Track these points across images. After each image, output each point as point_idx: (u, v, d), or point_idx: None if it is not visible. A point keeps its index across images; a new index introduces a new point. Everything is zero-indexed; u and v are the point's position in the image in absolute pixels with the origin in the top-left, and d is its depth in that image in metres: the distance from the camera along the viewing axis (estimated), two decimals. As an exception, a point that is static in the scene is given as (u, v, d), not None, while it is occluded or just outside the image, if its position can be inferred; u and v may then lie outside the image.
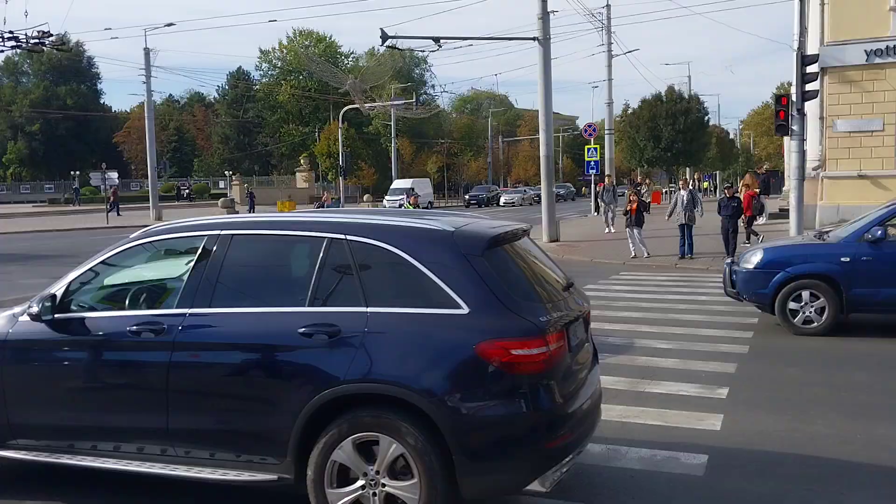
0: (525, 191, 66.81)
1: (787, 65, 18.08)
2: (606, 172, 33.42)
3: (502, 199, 62.86)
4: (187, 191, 70.16)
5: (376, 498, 4.02)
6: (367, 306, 4.08)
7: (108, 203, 44.65)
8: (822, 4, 21.15)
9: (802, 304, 9.57)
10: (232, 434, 4.30)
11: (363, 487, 4.04)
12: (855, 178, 20.09)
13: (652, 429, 6.05)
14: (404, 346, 4.01)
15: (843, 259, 9.45)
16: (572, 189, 76.92)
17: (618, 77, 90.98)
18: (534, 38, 22.24)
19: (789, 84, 19.04)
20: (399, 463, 3.97)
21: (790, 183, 18.98)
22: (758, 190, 23.24)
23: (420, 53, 64.93)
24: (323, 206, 48.02)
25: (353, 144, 63.38)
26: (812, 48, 19.81)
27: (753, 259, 10.06)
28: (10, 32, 26.89)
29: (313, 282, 4.25)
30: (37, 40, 27.73)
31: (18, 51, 32.64)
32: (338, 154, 57.76)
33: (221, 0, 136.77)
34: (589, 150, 32.45)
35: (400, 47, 27.59)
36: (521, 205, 60.28)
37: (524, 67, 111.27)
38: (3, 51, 28.24)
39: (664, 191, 56.17)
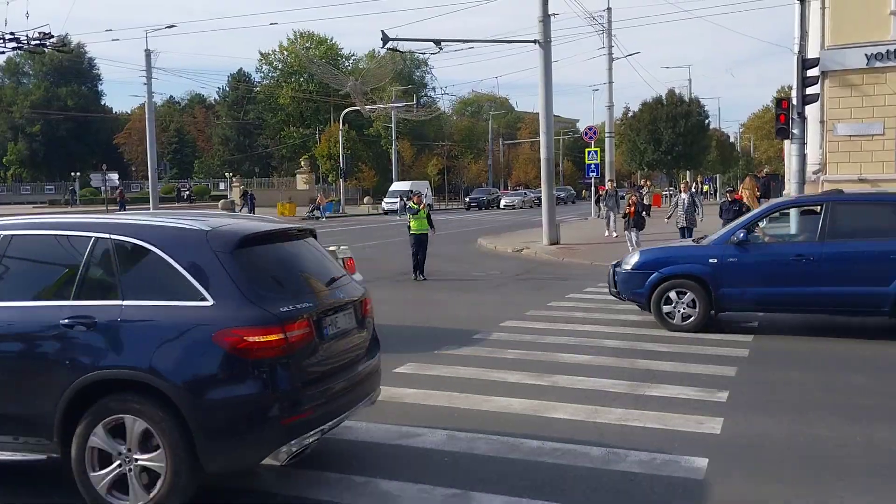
0: (525, 193, 66.80)
1: (788, 68, 18.11)
2: (608, 177, 33.40)
3: (503, 202, 62.84)
4: (187, 192, 70.18)
5: (132, 473, 4.40)
6: (123, 300, 4.52)
7: (118, 203, 45.06)
8: (823, 8, 21.15)
9: (675, 303, 10.05)
10: (7, 417, 4.66)
11: (119, 466, 4.42)
12: (855, 181, 20.04)
13: (652, 432, 6.05)
14: (152, 336, 4.40)
15: (710, 260, 9.97)
16: (573, 192, 76.95)
17: (618, 80, 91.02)
18: (535, 41, 22.24)
19: (790, 87, 19.05)
20: (148, 440, 4.35)
21: (790, 186, 18.96)
22: (758, 193, 23.27)
23: (421, 56, 65.15)
24: (318, 208, 48.06)
25: (354, 146, 63.42)
26: (813, 52, 19.80)
27: (631, 261, 10.66)
28: (12, 33, 26.91)
29: (78, 277, 4.68)
30: (38, 41, 27.75)
31: (20, 52, 32.59)
32: (338, 156, 57.79)
33: (223, 2, 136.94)
34: (589, 152, 32.45)
35: (401, 49, 27.58)
36: (521, 207, 60.27)
37: (525, 70, 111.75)
38: (4, 52, 28.23)
39: (664, 194, 56.16)
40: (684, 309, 9.99)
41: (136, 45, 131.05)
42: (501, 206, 61.86)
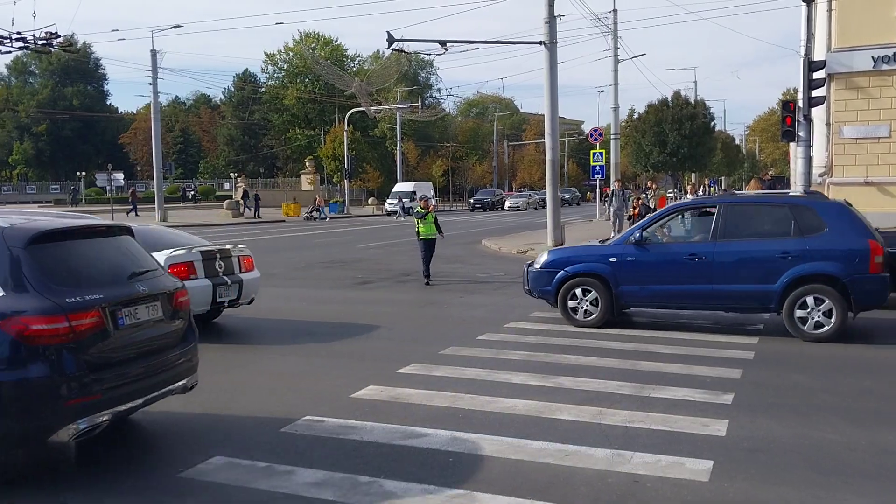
0: (530, 195, 66.79)
1: (793, 71, 18.08)
2: (614, 177, 33.34)
3: (507, 203, 62.84)
4: (192, 192, 70.32)
5: None
6: None
7: (130, 203, 45.40)
8: (830, 11, 21.10)
9: (579, 299, 10.54)
10: None
11: None
12: (861, 184, 20.01)
13: (657, 434, 6.03)
14: None
15: (611, 259, 10.45)
16: (577, 193, 76.91)
17: (624, 82, 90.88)
18: (540, 42, 22.23)
19: (796, 90, 19.03)
20: None
21: (796, 189, 18.91)
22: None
23: (426, 57, 65.12)
24: (318, 209, 48.14)
25: (359, 147, 63.48)
26: (819, 54, 19.76)
27: (540, 260, 11.20)
28: (18, 33, 26.98)
29: None
30: (44, 41, 27.81)
31: (26, 51, 32.68)
32: (343, 157, 57.83)
33: (228, 2, 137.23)
34: (594, 154, 32.43)
35: (406, 50, 27.58)
36: (525, 209, 60.25)
37: (530, 71, 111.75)
38: (10, 51, 28.30)
39: (669, 195, 56.10)
40: (588, 306, 10.50)
41: (142, 45, 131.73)
42: (506, 208, 61.86)
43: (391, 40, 23.50)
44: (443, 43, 23.55)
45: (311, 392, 7.35)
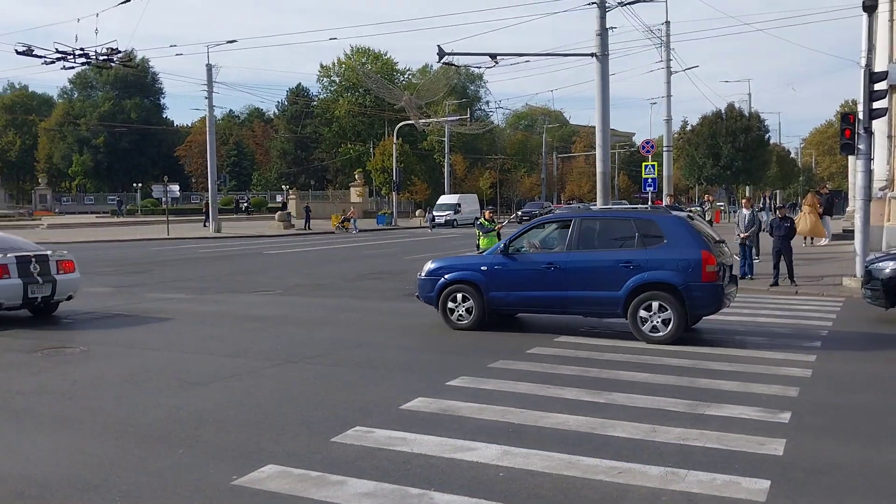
0: (580, 207, 66.29)
1: (852, 82, 17.66)
2: (665, 191, 32.91)
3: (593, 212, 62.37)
4: (245, 204, 71.54)
5: None
6: None
7: (204, 214, 46.80)
8: (891, 21, 20.62)
9: (456, 304, 11.52)
10: None
11: None
12: (924, 198, 19.43)
13: (712, 452, 5.91)
14: None
15: (482, 268, 11.44)
16: (628, 206, 76.18)
17: (676, 94, 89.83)
18: (591, 54, 22.14)
19: (854, 102, 18.60)
20: None
21: (855, 203, 18.44)
22: (820, 210, 22.62)
23: (476, 70, 65.29)
24: (349, 220, 48.51)
25: (407, 160, 63.93)
26: (880, 65, 19.29)
27: (425, 269, 12.15)
28: (82, 49, 27.83)
29: None
30: (106, 56, 28.64)
31: (88, 67, 33.71)
32: (391, 169, 58.27)
33: (282, 18, 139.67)
34: (646, 166, 32.08)
35: (456, 64, 27.70)
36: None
37: (580, 84, 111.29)
38: (74, 67, 29.21)
39: (724, 209, 55.15)
40: (463, 310, 11.46)
41: (198, 59, 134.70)
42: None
43: (442, 54, 23.63)
44: (493, 56, 23.59)
45: (361, 403, 7.38)
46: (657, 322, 10.15)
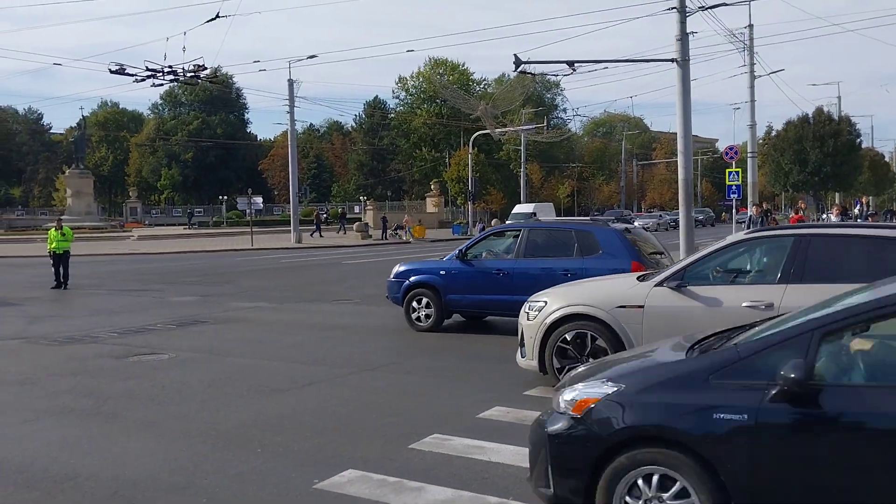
0: (661, 216, 65.09)
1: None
2: (750, 199, 31.97)
3: (636, 224, 61.48)
4: (324, 215, 72.91)
5: None
6: None
7: (314, 224, 48.94)
8: None
9: (420, 306, 12.38)
10: None
11: None
12: None
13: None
14: None
15: (441, 272, 12.28)
16: (711, 214, 74.34)
17: (761, 98, 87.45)
18: (672, 60, 21.70)
19: (954, 101, 17.63)
20: None
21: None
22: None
23: (553, 78, 64.93)
24: (402, 228, 48.89)
25: (483, 169, 63.99)
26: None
27: (394, 270, 13.10)
28: (170, 67, 28.89)
29: None
30: (192, 73, 29.64)
31: (176, 83, 34.97)
32: (467, 179, 58.44)
33: (360, 32, 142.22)
34: (730, 173, 31.22)
35: (533, 72, 27.58)
36: (655, 230, 58.68)
37: (661, 89, 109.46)
38: (162, 84, 30.34)
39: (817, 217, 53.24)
40: (424, 312, 12.30)
41: (280, 75, 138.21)
42: (633, 229, 60.46)
43: (518, 63, 23.53)
44: (570, 63, 23.36)
45: (439, 411, 7.38)
46: None
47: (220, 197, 73.88)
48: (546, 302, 8.25)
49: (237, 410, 7.54)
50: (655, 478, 4.00)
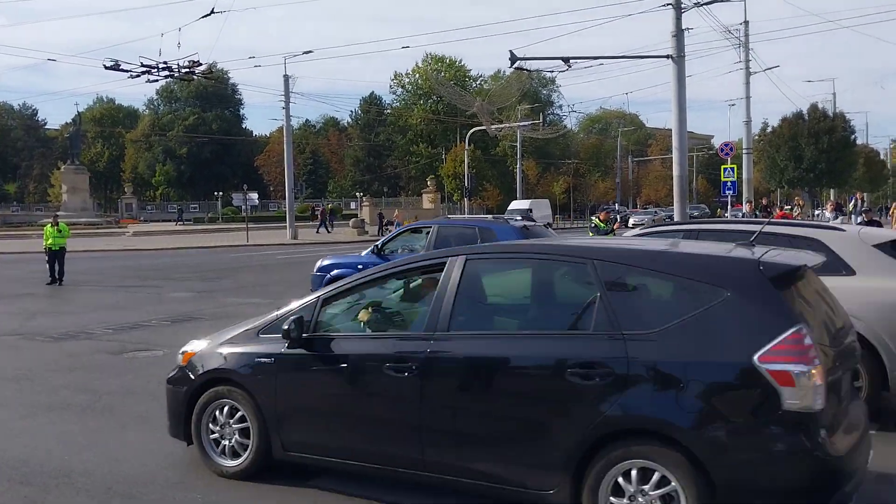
0: (656, 212, 65.18)
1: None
2: (745, 196, 32.05)
3: (631, 221, 61.53)
4: (320, 211, 72.83)
5: None
6: None
7: (320, 221, 49.21)
8: None
9: None
10: None
11: None
12: None
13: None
14: None
15: (359, 266, 12.58)
16: (707, 210, 74.42)
17: (756, 95, 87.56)
18: (667, 56, 21.74)
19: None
20: None
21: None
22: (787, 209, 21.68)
23: (548, 74, 64.87)
24: (392, 224, 48.92)
25: (479, 166, 64.02)
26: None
27: (318, 264, 13.79)
28: (165, 63, 28.85)
29: None
30: (188, 69, 29.61)
31: (171, 79, 34.93)
32: (463, 175, 58.46)
33: (356, 28, 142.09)
34: (725, 170, 31.29)
35: (528, 69, 27.58)
36: (650, 226, 58.78)
37: (656, 86, 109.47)
38: (158, 79, 30.32)
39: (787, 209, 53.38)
40: None
41: (276, 70, 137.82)
42: (630, 225, 60.60)
43: (514, 59, 23.55)
44: (566, 60, 23.38)
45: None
46: None
47: (216, 193, 73.75)
48: None
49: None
50: (227, 408, 5.50)
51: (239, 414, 5.44)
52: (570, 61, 23.40)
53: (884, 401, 6.83)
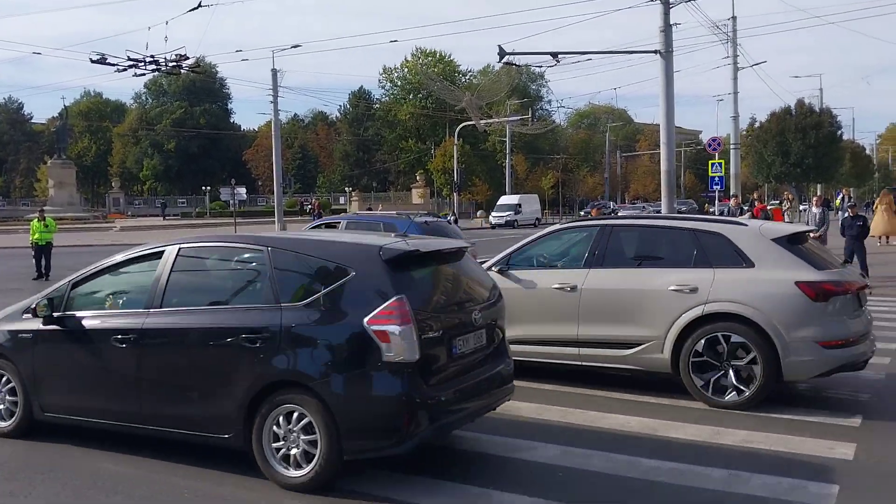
0: (644, 206, 65.37)
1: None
2: (733, 190, 32.17)
3: (619, 215, 61.80)
4: (309, 206, 72.70)
5: None
6: None
7: (313, 216, 48.75)
8: (971, 9, 19.73)
9: None
10: None
11: None
12: None
13: (777, 455, 5.78)
14: None
15: None
16: (695, 205, 74.70)
17: (743, 90, 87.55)
18: (655, 51, 21.79)
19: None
20: None
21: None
22: (894, 207, 21.84)
23: (537, 69, 64.87)
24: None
25: (468, 161, 63.99)
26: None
27: None
28: (152, 56, 28.62)
29: None
30: (175, 63, 29.40)
31: (158, 73, 34.68)
32: (453, 170, 58.45)
33: (345, 21, 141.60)
34: (713, 164, 31.41)
35: (517, 63, 27.58)
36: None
37: (644, 81, 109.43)
38: (145, 73, 30.06)
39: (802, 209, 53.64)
40: None
41: (264, 64, 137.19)
42: (618, 220, 60.77)
43: (502, 54, 23.54)
44: (554, 55, 23.39)
45: (422, 402, 7.43)
46: None
47: (204, 187, 73.42)
48: None
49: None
50: (3, 378, 6.46)
51: (10, 385, 6.42)
52: (559, 56, 23.42)
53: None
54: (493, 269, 8.20)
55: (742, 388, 6.91)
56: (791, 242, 7.23)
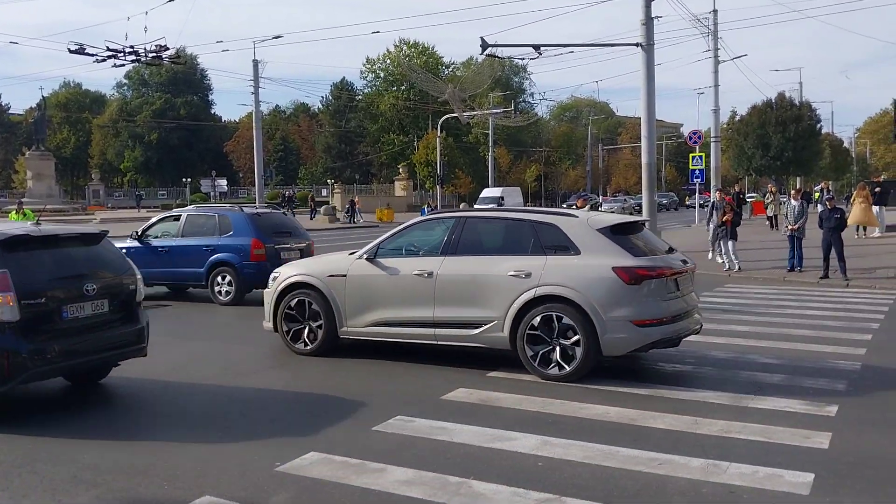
0: (625, 199, 65.64)
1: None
2: (714, 183, 32.35)
3: (603, 207, 61.94)
4: (281, 199, 72.44)
5: None
6: None
7: (311, 211, 48.76)
8: (948, 4, 19.92)
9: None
10: None
11: None
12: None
13: (754, 444, 5.84)
14: None
15: (122, 250, 12.54)
16: (675, 198, 75.12)
17: (724, 83, 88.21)
18: (637, 44, 21.83)
19: (910, 89, 18.01)
20: None
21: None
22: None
23: (520, 61, 64.83)
24: (354, 212, 49.03)
25: (451, 153, 63.92)
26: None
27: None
28: (131, 47, 28.33)
29: None
30: (155, 54, 29.12)
31: (138, 64, 34.32)
32: (436, 163, 58.37)
33: (327, 13, 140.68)
34: (694, 158, 31.59)
35: (500, 56, 27.54)
36: (620, 214, 59.19)
37: (626, 74, 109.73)
38: (124, 64, 29.75)
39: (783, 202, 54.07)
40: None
41: (245, 55, 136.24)
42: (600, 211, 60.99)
43: (485, 46, 23.50)
44: (536, 47, 23.38)
45: (404, 393, 7.45)
46: (228, 289, 13.73)
47: (184, 179, 72.85)
48: (280, 273, 9.50)
49: (200, 393, 7.56)
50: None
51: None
52: (541, 48, 23.40)
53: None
54: (362, 257, 8.88)
55: (564, 364, 7.65)
56: (614, 232, 7.97)
